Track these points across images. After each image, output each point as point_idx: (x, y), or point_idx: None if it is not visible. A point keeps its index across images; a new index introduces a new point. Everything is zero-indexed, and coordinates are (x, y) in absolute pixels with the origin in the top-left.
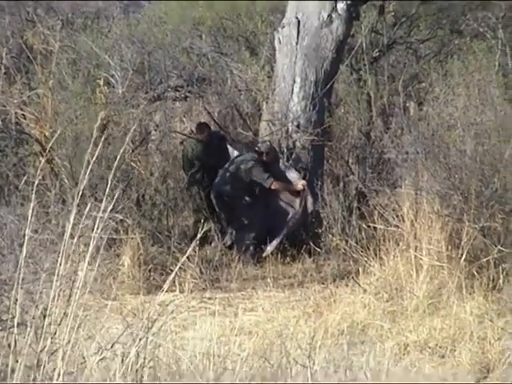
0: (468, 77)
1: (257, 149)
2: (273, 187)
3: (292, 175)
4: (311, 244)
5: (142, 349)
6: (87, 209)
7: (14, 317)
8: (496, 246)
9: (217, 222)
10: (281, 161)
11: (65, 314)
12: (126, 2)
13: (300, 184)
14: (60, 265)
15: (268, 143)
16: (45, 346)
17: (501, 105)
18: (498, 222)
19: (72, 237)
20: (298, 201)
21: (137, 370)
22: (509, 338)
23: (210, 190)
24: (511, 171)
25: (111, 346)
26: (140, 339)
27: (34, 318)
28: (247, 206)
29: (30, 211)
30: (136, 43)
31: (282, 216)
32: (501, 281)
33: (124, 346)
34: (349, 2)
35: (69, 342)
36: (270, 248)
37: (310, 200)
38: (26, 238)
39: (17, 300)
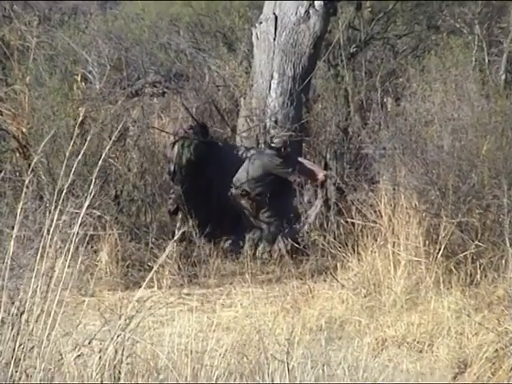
0: (445, 72)
1: (273, 145)
2: (297, 180)
3: (312, 167)
4: (289, 240)
5: (119, 345)
6: (65, 205)
7: None
8: (473, 241)
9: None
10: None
11: (42, 310)
12: None
13: (322, 174)
14: (37, 261)
15: (282, 137)
16: (22, 343)
17: (478, 100)
18: (475, 218)
19: (49, 233)
20: (318, 191)
21: (114, 367)
22: (486, 332)
23: (218, 195)
24: (488, 166)
25: (89, 343)
26: (117, 336)
27: (10, 314)
28: (275, 201)
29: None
30: (113, 39)
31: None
32: (478, 276)
33: (101, 342)
34: None
35: (46, 338)
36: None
37: (332, 190)
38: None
39: None
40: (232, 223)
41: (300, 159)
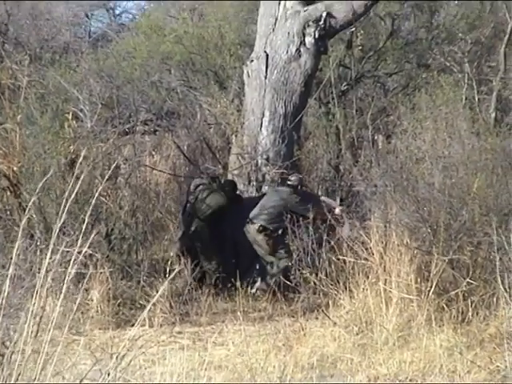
0: (435, 110)
1: (290, 182)
2: (314, 215)
3: (328, 201)
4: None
5: None
6: (56, 244)
7: None
8: (465, 278)
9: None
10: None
11: (33, 350)
12: (94, 37)
13: (338, 209)
14: (28, 300)
15: (297, 175)
16: None
17: (468, 138)
18: (466, 255)
19: (40, 272)
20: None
21: None
22: (478, 371)
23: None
24: (479, 204)
25: (79, 382)
26: (108, 375)
27: (1, 354)
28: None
29: None
30: (104, 77)
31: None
32: (470, 313)
33: (92, 381)
34: (317, 36)
35: (37, 378)
36: None
37: (347, 225)
38: None
39: None
40: (243, 266)
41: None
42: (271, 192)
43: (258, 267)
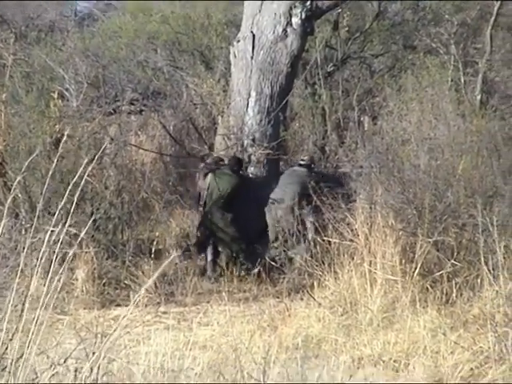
0: (421, 92)
1: (303, 162)
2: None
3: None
4: (266, 258)
5: (95, 364)
6: (41, 223)
7: None
8: (449, 260)
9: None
10: None
11: (16, 329)
12: (80, 15)
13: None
14: (13, 279)
15: (309, 154)
16: None
17: (454, 120)
18: (451, 236)
19: (25, 251)
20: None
21: None
22: (461, 351)
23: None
24: (464, 186)
25: (64, 362)
26: (93, 354)
27: None
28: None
29: None
30: (90, 57)
31: None
32: (454, 295)
33: (77, 361)
34: (303, 17)
35: (20, 357)
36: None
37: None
38: None
39: None
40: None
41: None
42: (290, 173)
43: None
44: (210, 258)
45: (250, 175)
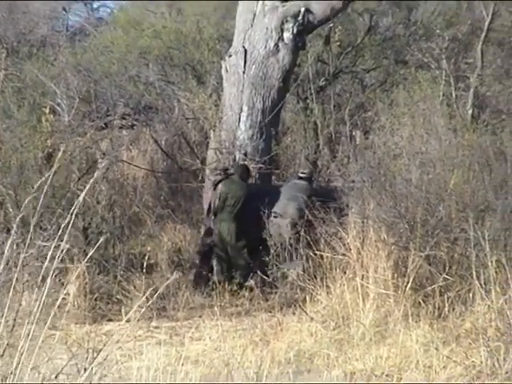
0: (413, 106)
1: (303, 175)
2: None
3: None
4: (258, 272)
5: (86, 379)
6: (32, 238)
7: None
8: (441, 274)
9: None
10: None
11: (8, 344)
12: (72, 30)
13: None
14: (4, 295)
15: (308, 167)
16: None
17: (445, 134)
18: (443, 251)
19: (16, 266)
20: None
21: None
22: (454, 366)
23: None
24: (456, 200)
25: (55, 377)
26: (85, 370)
27: None
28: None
29: None
30: (82, 71)
31: None
32: (446, 309)
33: (69, 376)
34: (295, 32)
35: (12, 372)
36: None
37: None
38: None
39: None
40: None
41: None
42: (291, 186)
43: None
44: (217, 267)
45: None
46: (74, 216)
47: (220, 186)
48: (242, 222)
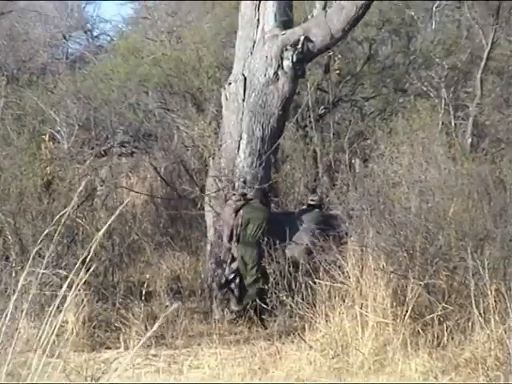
0: (412, 135)
1: (313, 202)
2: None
3: None
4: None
5: None
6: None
7: None
8: (440, 303)
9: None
10: None
11: (6, 372)
12: (72, 58)
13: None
14: (1, 322)
15: (316, 193)
16: None
17: (444, 163)
18: (442, 279)
19: (15, 293)
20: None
21: None
22: None
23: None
24: (455, 228)
25: None
26: None
27: None
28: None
29: None
30: (82, 99)
31: None
32: (445, 338)
33: None
34: (294, 60)
35: None
36: None
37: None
38: None
39: None
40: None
41: None
42: (302, 213)
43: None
44: (237, 293)
45: None
46: (72, 243)
47: (241, 211)
48: (259, 249)
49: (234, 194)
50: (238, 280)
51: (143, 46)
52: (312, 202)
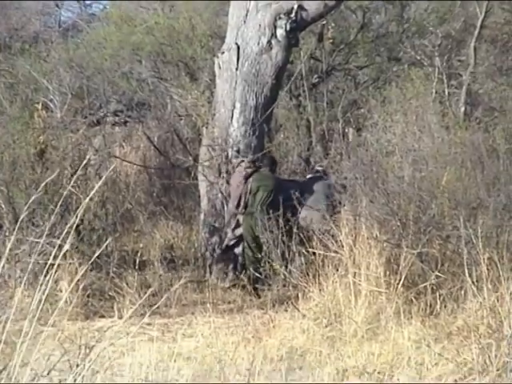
0: (406, 104)
1: (320, 168)
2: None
3: None
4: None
5: (78, 376)
6: (25, 234)
7: None
8: (433, 271)
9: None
10: None
11: (0, 340)
12: (65, 26)
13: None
14: None
15: (322, 163)
16: None
17: (438, 132)
18: (435, 248)
19: (8, 262)
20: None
21: None
22: (445, 363)
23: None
24: (448, 197)
25: (48, 373)
26: (77, 366)
27: None
28: None
29: None
30: (75, 68)
31: None
32: (438, 306)
33: (61, 372)
34: (288, 29)
35: (4, 369)
36: None
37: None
38: None
39: None
40: None
41: None
42: (316, 179)
43: None
44: (241, 260)
45: None
46: (66, 212)
47: (251, 178)
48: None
49: (243, 161)
50: (241, 247)
51: (136, 14)
52: (320, 168)
